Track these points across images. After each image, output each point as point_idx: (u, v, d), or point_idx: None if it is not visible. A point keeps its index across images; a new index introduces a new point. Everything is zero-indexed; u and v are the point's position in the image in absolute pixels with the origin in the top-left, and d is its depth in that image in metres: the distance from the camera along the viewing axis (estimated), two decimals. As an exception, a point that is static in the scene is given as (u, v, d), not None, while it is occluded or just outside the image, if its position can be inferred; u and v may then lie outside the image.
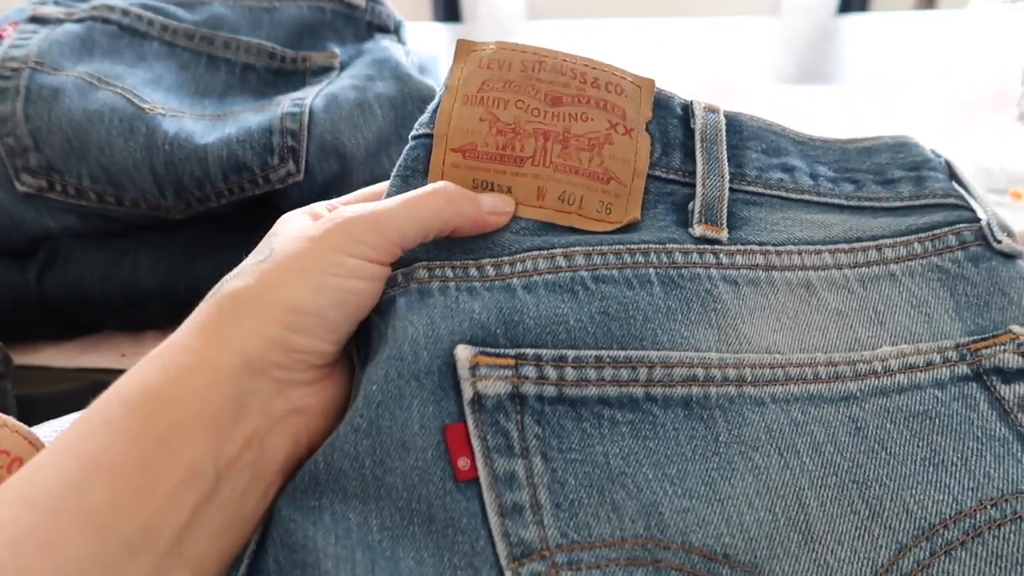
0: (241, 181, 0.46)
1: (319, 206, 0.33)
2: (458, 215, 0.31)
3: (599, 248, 0.32)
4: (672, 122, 0.36)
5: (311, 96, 0.48)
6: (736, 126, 0.37)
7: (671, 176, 0.35)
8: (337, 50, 0.54)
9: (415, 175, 0.33)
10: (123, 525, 0.23)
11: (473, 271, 0.31)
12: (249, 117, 0.47)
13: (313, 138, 0.46)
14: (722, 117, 0.37)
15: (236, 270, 0.29)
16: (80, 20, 0.50)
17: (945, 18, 1.03)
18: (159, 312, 0.48)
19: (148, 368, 0.26)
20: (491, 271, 0.31)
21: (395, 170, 0.34)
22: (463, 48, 0.35)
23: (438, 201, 0.30)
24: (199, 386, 0.25)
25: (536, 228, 0.33)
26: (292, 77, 0.53)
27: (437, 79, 0.60)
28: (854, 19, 1.09)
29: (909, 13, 1.24)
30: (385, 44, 0.54)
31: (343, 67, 0.53)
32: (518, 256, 0.32)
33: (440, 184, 0.31)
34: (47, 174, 0.45)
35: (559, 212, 0.33)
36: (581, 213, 0.33)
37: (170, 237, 0.48)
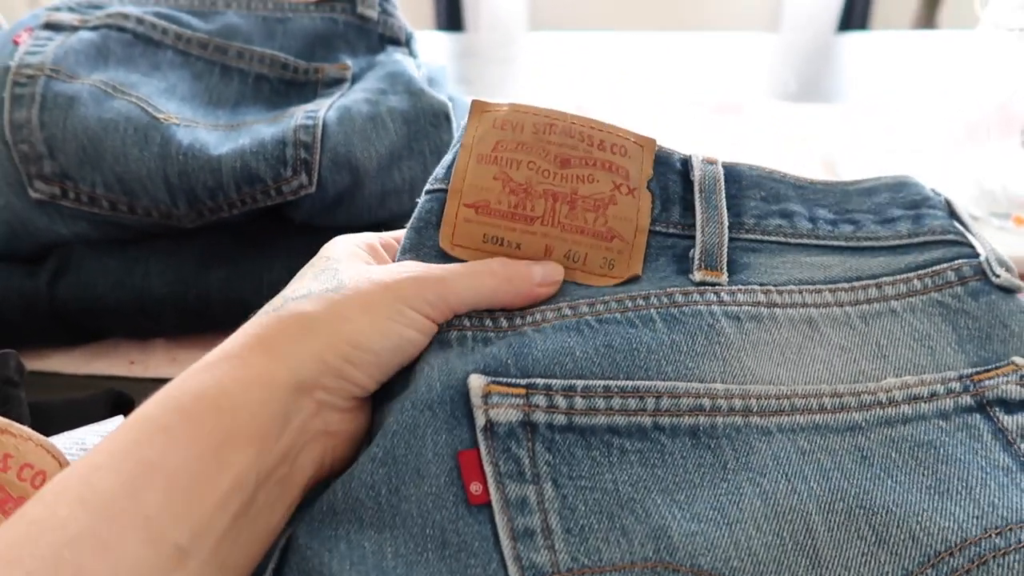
0: (254, 192, 0.46)
1: (372, 237, 0.36)
2: (511, 293, 0.33)
3: (602, 299, 0.34)
4: (672, 178, 0.38)
5: (324, 108, 0.48)
6: (735, 176, 0.38)
7: (671, 230, 0.37)
8: (349, 62, 0.55)
9: (428, 227, 0.35)
10: (175, 531, 0.24)
11: (488, 322, 0.33)
12: (262, 128, 0.47)
13: (326, 151, 0.46)
14: (720, 168, 0.38)
15: (301, 290, 0.30)
16: (95, 28, 0.50)
17: (945, 38, 1.04)
18: (170, 320, 0.48)
19: (204, 376, 0.27)
20: (504, 323, 0.33)
21: (410, 222, 0.35)
22: (477, 108, 0.37)
23: (496, 281, 0.33)
24: (252, 400, 0.27)
25: None
26: (304, 88, 0.53)
27: (445, 91, 0.61)
28: (854, 37, 1.10)
29: (909, 32, 1.25)
30: (397, 57, 0.54)
31: (355, 79, 0.54)
32: (528, 310, 0.33)
33: (500, 265, 0.33)
34: (61, 181, 0.45)
35: (565, 269, 0.35)
36: (585, 270, 0.35)
37: (181, 246, 0.48)
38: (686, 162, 0.38)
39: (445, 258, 0.35)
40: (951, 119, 0.59)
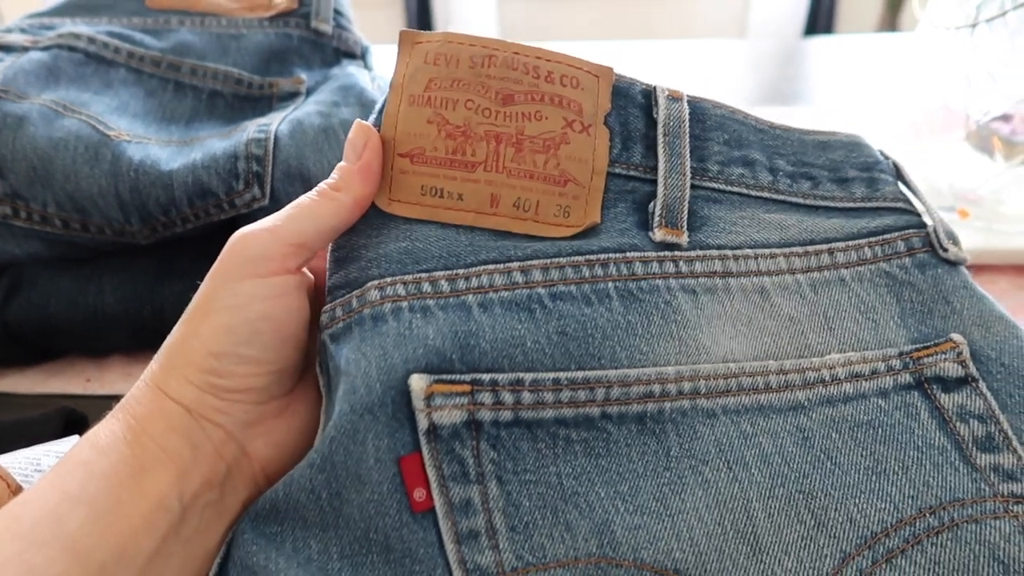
0: (206, 206, 0.46)
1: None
2: (357, 196, 0.31)
3: (556, 261, 0.32)
4: (633, 112, 0.35)
5: (276, 122, 0.48)
6: (700, 114, 0.36)
7: (632, 173, 0.34)
8: (304, 76, 0.55)
9: None
10: (99, 551, 0.25)
11: (427, 286, 0.30)
12: (214, 143, 0.47)
13: (278, 163, 0.46)
14: (686, 106, 0.36)
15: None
16: (46, 48, 0.50)
17: (907, 40, 1.06)
18: (124, 337, 0.48)
19: (114, 419, 0.28)
20: (445, 286, 0.30)
21: None
22: (407, 39, 0.33)
23: (335, 205, 0.30)
24: (157, 433, 0.28)
25: (491, 235, 0.32)
26: (259, 103, 0.54)
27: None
28: (820, 41, 1.11)
29: (873, 35, 1.27)
30: (351, 70, 0.55)
31: (310, 92, 0.54)
32: (473, 270, 0.31)
33: (328, 184, 0.31)
34: (12, 201, 0.45)
35: (514, 219, 0.32)
36: (537, 219, 0.33)
37: (136, 262, 0.48)
38: (648, 94, 0.35)
39: (384, 218, 0.32)
40: (899, 118, 0.60)
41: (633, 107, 0.35)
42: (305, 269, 0.32)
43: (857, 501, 0.29)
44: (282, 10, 0.57)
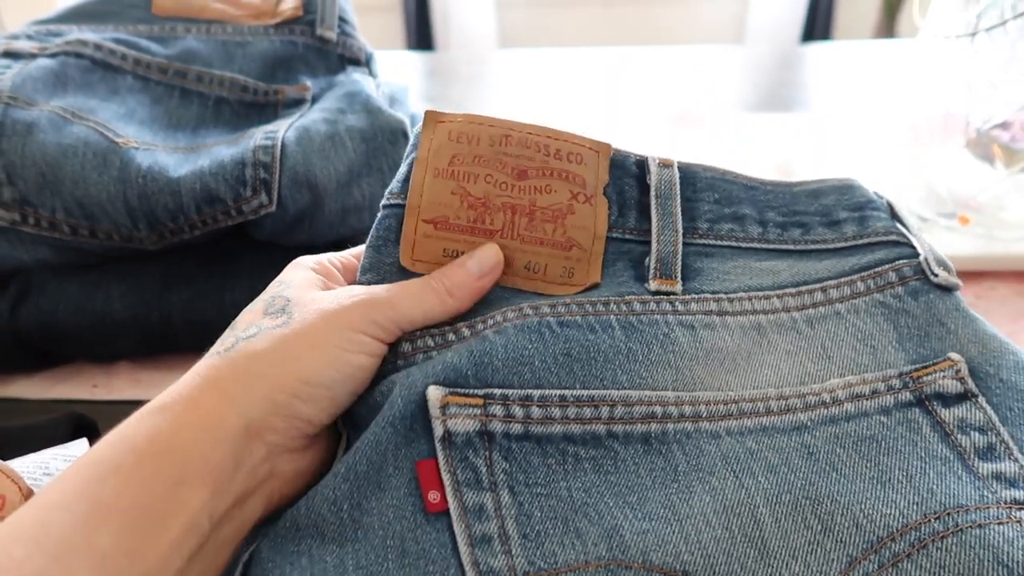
0: (214, 213, 0.46)
1: (329, 258, 0.36)
2: (454, 306, 0.33)
3: (563, 301, 0.35)
4: (628, 182, 0.38)
5: (283, 129, 0.49)
6: (690, 178, 0.39)
7: (627, 236, 0.38)
8: (309, 83, 0.55)
9: (387, 244, 0.35)
10: (129, 571, 0.24)
11: (451, 336, 0.33)
12: (222, 150, 0.48)
13: (285, 170, 0.47)
14: (676, 171, 0.39)
15: (252, 328, 0.30)
16: (54, 55, 0.51)
17: (904, 46, 1.07)
18: (132, 343, 0.48)
19: (158, 418, 0.27)
20: (466, 332, 0.33)
21: (368, 240, 0.36)
22: (430, 119, 0.37)
23: (439, 298, 0.33)
24: (205, 442, 0.27)
25: (504, 290, 0.36)
26: (265, 110, 0.54)
27: (407, 110, 0.62)
28: (817, 48, 1.12)
29: (870, 42, 1.28)
30: (356, 77, 0.55)
31: (315, 99, 0.55)
32: (490, 314, 0.34)
33: (438, 279, 0.34)
34: (21, 207, 0.45)
35: (525, 279, 0.36)
36: (545, 279, 0.36)
37: (143, 268, 0.48)
38: (642, 164, 0.38)
39: (405, 274, 0.35)
40: (900, 125, 0.61)
41: (628, 177, 0.38)
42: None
43: (863, 507, 0.29)
44: (287, 17, 0.58)
